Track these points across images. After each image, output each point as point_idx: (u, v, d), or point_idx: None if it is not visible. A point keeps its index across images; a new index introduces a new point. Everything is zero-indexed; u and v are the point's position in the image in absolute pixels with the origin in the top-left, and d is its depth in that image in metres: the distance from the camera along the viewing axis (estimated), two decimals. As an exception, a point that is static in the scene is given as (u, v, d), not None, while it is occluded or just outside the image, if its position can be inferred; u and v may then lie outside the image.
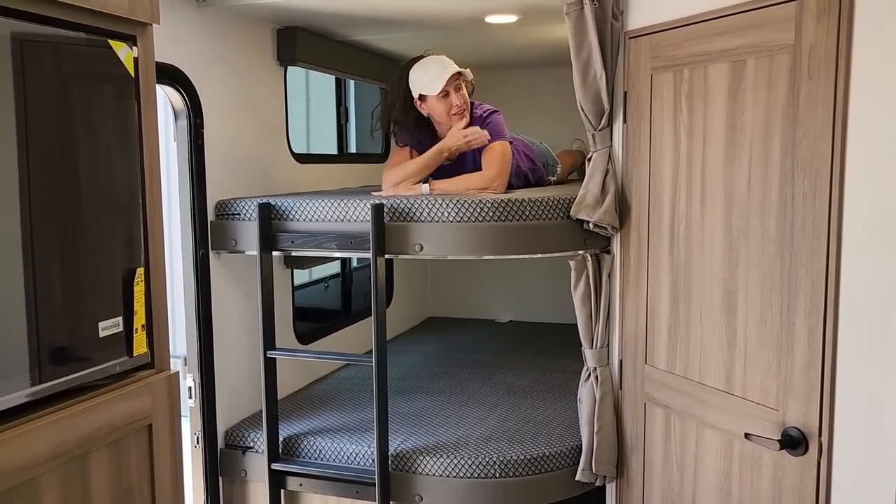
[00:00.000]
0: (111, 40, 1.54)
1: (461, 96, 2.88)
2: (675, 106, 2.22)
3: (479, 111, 2.96)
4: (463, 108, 2.89)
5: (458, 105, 2.87)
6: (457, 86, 2.87)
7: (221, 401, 2.87)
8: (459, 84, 2.88)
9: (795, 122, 1.84)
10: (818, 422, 1.83)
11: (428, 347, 4.15)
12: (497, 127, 2.92)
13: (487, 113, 2.96)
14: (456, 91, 2.86)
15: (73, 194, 1.48)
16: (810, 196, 1.82)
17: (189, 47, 2.70)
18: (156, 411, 1.66)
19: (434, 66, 2.88)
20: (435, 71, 2.86)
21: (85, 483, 1.50)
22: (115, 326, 1.55)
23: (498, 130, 2.91)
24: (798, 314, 1.87)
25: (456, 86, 2.86)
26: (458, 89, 2.87)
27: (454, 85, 2.86)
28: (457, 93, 2.86)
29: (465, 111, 2.90)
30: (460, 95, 2.88)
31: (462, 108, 2.89)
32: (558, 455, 2.65)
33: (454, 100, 2.86)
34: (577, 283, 2.53)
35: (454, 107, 2.87)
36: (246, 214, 2.73)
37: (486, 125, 2.91)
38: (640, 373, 2.44)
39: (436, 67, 2.87)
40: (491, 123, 2.92)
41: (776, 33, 1.88)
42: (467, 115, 2.91)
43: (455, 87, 2.86)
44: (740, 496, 2.08)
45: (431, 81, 2.85)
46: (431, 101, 2.89)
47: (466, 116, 2.91)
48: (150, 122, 1.64)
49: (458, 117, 2.89)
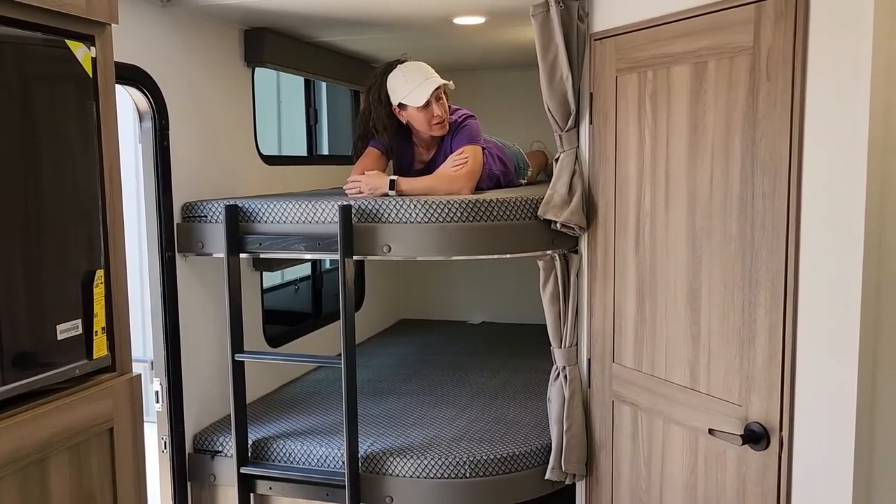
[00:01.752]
0: (68, 40, 1.52)
1: (441, 106, 2.87)
2: (640, 107, 2.25)
3: (455, 116, 2.96)
4: (443, 119, 2.88)
5: (439, 115, 2.86)
6: (437, 95, 2.85)
7: (189, 405, 2.84)
8: (440, 94, 2.86)
9: (755, 122, 1.87)
10: (779, 417, 1.87)
11: (400, 349, 4.14)
12: (471, 132, 2.92)
13: (463, 118, 2.96)
14: (437, 101, 2.85)
15: (30, 196, 1.46)
16: (769, 195, 1.85)
17: (153, 48, 2.67)
18: (117, 415, 1.64)
19: (416, 75, 2.85)
20: (416, 81, 2.83)
21: (44, 488, 1.48)
22: (74, 329, 1.53)
23: (472, 135, 2.91)
24: (759, 311, 1.90)
25: (437, 96, 2.85)
26: (438, 99, 2.85)
27: (435, 96, 2.84)
28: (437, 103, 2.85)
29: (446, 122, 2.89)
30: (441, 105, 2.86)
31: (443, 118, 2.87)
32: (528, 454, 2.66)
33: (436, 110, 2.85)
34: (545, 282, 2.55)
35: (435, 117, 2.86)
36: (213, 216, 2.71)
37: (460, 130, 2.91)
38: (608, 371, 2.46)
39: (418, 77, 2.84)
40: (465, 128, 2.92)
41: (736, 35, 1.91)
42: (446, 125, 2.90)
43: (436, 97, 2.85)
44: (706, 491, 2.11)
45: (413, 92, 2.82)
46: (412, 110, 2.87)
47: (446, 126, 2.90)
48: (109, 123, 1.62)
49: (439, 128, 2.89)
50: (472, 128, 2.93)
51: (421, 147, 3.03)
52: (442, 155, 2.97)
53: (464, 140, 2.88)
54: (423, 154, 3.04)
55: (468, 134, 2.90)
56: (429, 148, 3.02)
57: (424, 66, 2.90)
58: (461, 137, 2.90)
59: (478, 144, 2.90)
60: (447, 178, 2.77)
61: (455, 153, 2.85)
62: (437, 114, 2.86)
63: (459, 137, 2.90)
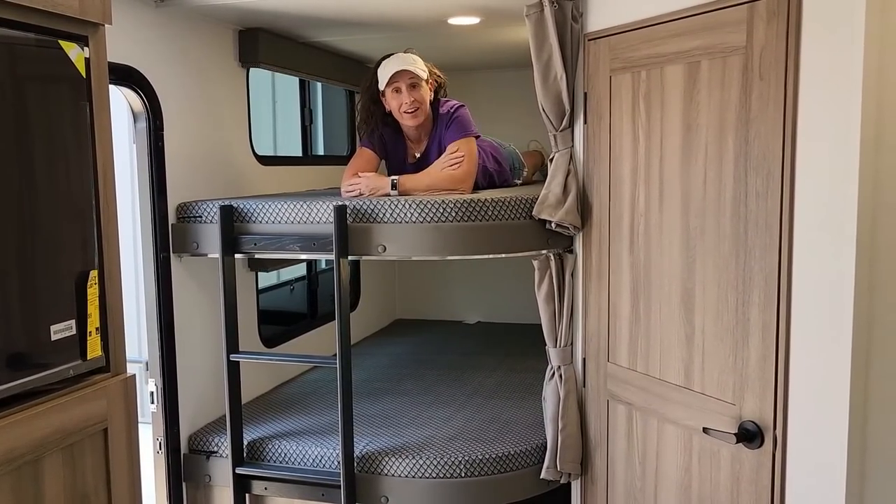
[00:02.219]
0: (61, 41, 1.52)
1: (414, 95, 2.84)
2: (634, 107, 2.25)
3: (444, 108, 2.95)
4: (414, 108, 2.85)
5: (407, 103, 2.84)
6: (411, 83, 2.84)
7: (184, 406, 2.83)
8: (416, 82, 2.85)
9: (748, 121, 1.88)
10: (773, 415, 1.87)
11: (395, 349, 4.15)
12: (463, 122, 2.90)
13: (454, 108, 2.94)
14: (410, 89, 2.84)
15: (24, 196, 1.46)
16: (763, 194, 1.86)
17: (147, 48, 2.67)
18: (111, 415, 1.63)
19: (395, 61, 2.86)
20: (392, 66, 2.85)
21: (38, 488, 1.48)
22: (68, 329, 1.53)
23: (464, 126, 2.90)
24: (752, 310, 1.91)
25: (410, 83, 2.84)
26: (412, 87, 2.84)
27: (407, 82, 2.84)
28: (410, 90, 2.84)
29: (419, 111, 2.87)
30: (413, 94, 2.84)
31: (412, 106, 2.85)
32: (523, 454, 2.66)
33: (405, 97, 2.84)
34: (540, 282, 2.56)
35: (403, 104, 2.85)
36: (207, 217, 2.71)
37: (452, 121, 2.90)
38: (603, 370, 2.47)
39: (395, 63, 2.86)
40: (456, 119, 2.91)
41: (728, 35, 1.92)
42: (420, 116, 2.89)
43: (409, 84, 2.84)
44: (700, 490, 2.11)
45: (385, 76, 2.85)
46: (387, 95, 2.88)
47: (419, 116, 2.89)
48: (103, 124, 1.62)
49: (409, 116, 2.88)
50: (462, 118, 2.92)
51: (412, 141, 3.03)
52: (435, 147, 2.96)
53: (456, 132, 2.87)
54: (415, 148, 3.04)
55: (460, 125, 2.89)
56: (419, 141, 3.02)
57: (408, 55, 2.89)
58: (453, 129, 2.89)
59: (470, 135, 2.89)
60: (448, 177, 2.77)
61: (448, 150, 2.85)
62: (407, 100, 2.84)
63: (451, 129, 2.89)
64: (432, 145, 2.98)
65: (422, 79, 2.86)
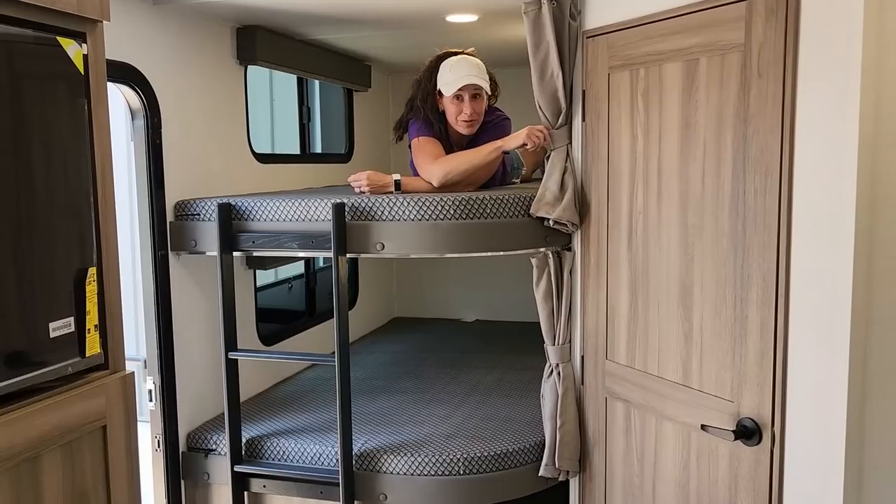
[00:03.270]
0: (60, 37, 1.52)
1: (475, 106, 2.83)
2: (632, 104, 2.26)
3: (492, 117, 2.96)
4: (471, 120, 2.85)
5: (466, 114, 2.83)
6: (473, 94, 2.82)
7: (183, 403, 2.83)
8: (479, 94, 2.83)
9: (746, 119, 1.88)
10: (771, 412, 1.88)
11: (393, 347, 4.15)
12: (501, 132, 2.90)
13: (499, 119, 2.96)
14: (472, 99, 2.82)
15: (22, 193, 1.45)
16: (761, 192, 1.86)
17: (145, 46, 2.67)
18: (110, 413, 1.63)
19: (463, 67, 2.83)
20: (460, 73, 2.82)
21: (37, 485, 1.48)
22: (67, 327, 1.53)
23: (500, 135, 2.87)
24: (751, 307, 1.91)
25: (472, 94, 2.82)
26: (473, 98, 2.83)
27: (471, 93, 2.82)
28: (472, 101, 2.82)
29: (475, 123, 2.86)
30: (474, 105, 2.83)
31: (470, 118, 2.84)
32: (522, 451, 2.66)
33: (465, 108, 2.82)
34: (538, 280, 2.56)
35: (463, 113, 2.83)
36: (206, 215, 2.71)
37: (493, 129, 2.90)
38: (601, 368, 2.47)
39: (463, 69, 2.83)
40: (499, 128, 2.91)
41: (727, 33, 1.92)
42: (475, 126, 2.88)
43: (472, 94, 2.82)
44: (698, 487, 2.12)
45: (451, 82, 2.82)
46: (446, 100, 2.87)
47: (474, 127, 2.88)
48: (101, 121, 1.62)
49: (465, 125, 2.87)
50: (504, 130, 2.92)
51: (456, 147, 3.01)
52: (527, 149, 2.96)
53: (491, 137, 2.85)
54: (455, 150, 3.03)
55: (497, 133, 2.87)
56: (460, 146, 2.99)
57: (476, 64, 2.86)
58: (490, 134, 2.88)
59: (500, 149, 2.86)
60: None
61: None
62: (466, 111, 2.83)
63: (489, 133, 2.88)
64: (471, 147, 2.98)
65: (484, 91, 2.84)
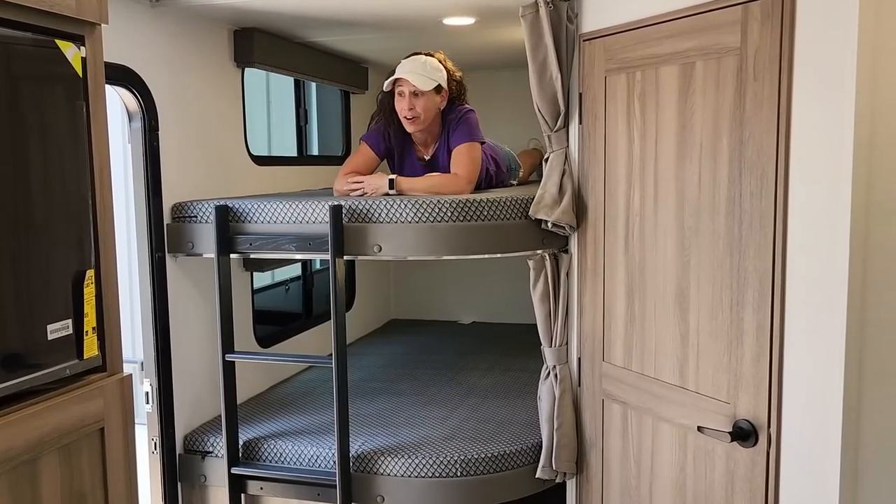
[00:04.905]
0: (58, 40, 1.52)
1: (414, 103, 2.84)
2: (629, 107, 2.26)
3: (454, 113, 2.95)
4: (410, 116, 2.86)
5: (404, 109, 2.86)
6: (415, 92, 2.83)
7: (180, 406, 2.83)
8: (415, 91, 2.83)
9: (742, 122, 1.89)
10: (767, 414, 1.88)
11: (391, 349, 4.15)
12: (469, 127, 2.91)
13: (462, 113, 2.94)
14: (412, 97, 2.84)
15: (20, 196, 1.45)
16: (757, 194, 1.87)
17: (143, 48, 2.67)
18: (108, 415, 1.63)
19: (403, 64, 2.87)
20: (399, 69, 2.85)
21: (35, 488, 1.48)
22: (65, 329, 1.53)
23: (470, 131, 2.90)
24: (747, 309, 1.92)
25: (413, 91, 2.83)
26: (413, 95, 2.84)
27: (409, 90, 2.83)
28: (411, 98, 2.84)
29: (416, 120, 2.87)
30: (414, 102, 2.84)
31: (410, 114, 2.85)
32: (519, 453, 2.67)
33: (402, 104, 2.86)
34: (535, 282, 2.56)
35: (402, 110, 2.87)
36: (203, 217, 2.71)
37: (459, 124, 2.91)
38: (598, 370, 2.48)
39: (402, 66, 2.86)
40: (463, 122, 2.91)
41: (723, 36, 1.93)
42: (417, 124, 2.89)
43: (411, 91, 2.83)
44: (695, 488, 2.12)
45: (391, 77, 2.85)
46: (395, 96, 2.90)
47: (416, 124, 2.89)
48: (99, 123, 1.62)
49: (406, 122, 2.89)
50: (470, 122, 2.92)
51: (419, 144, 3.04)
52: (443, 150, 2.97)
53: (462, 136, 2.88)
54: (423, 151, 3.04)
55: (466, 129, 2.89)
56: (425, 145, 3.03)
57: (422, 62, 2.87)
58: (458, 133, 2.89)
59: (476, 140, 2.90)
60: (448, 180, 2.79)
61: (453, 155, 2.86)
62: (403, 107, 2.85)
63: (457, 133, 2.90)
64: (441, 149, 2.99)
65: (422, 90, 2.83)
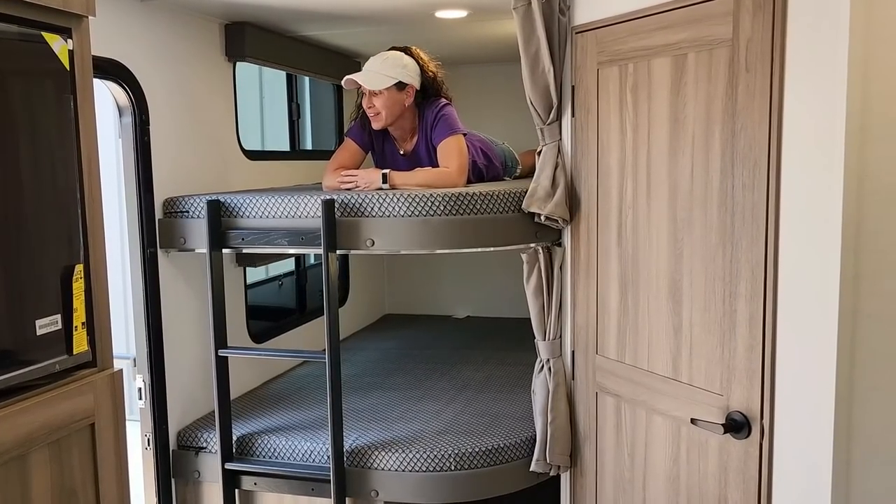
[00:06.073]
0: (45, 33, 1.50)
1: (374, 101, 2.84)
2: (621, 99, 2.26)
3: (430, 108, 2.94)
4: (372, 114, 2.88)
5: (366, 106, 2.89)
6: (371, 91, 2.84)
7: (173, 402, 2.82)
8: (375, 92, 2.84)
9: (734, 114, 1.89)
10: (760, 405, 1.89)
11: (385, 344, 4.14)
12: (449, 121, 2.90)
13: (439, 107, 2.93)
14: (372, 94, 2.85)
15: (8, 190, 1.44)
16: (749, 186, 1.87)
17: (133, 42, 2.65)
18: (98, 411, 1.62)
19: (368, 62, 2.89)
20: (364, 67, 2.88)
21: (25, 484, 1.47)
22: (54, 324, 1.52)
23: (450, 125, 2.89)
24: (739, 301, 1.92)
25: (370, 90, 2.84)
26: (372, 93, 2.85)
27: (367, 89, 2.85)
28: (371, 96, 2.85)
29: (378, 117, 2.88)
30: (374, 100, 2.84)
31: (370, 112, 2.87)
32: (513, 447, 2.67)
33: (366, 101, 2.88)
34: (529, 275, 2.56)
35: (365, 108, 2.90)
36: (194, 212, 2.69)
37: (437, 121, 2.90)
38: (592, 363, 2.48)
39: (367, 64, 2.88)
40: (443, 117, 2.90)
41: (715, 28, 1.92)
42: (379, 122, 2.89)
43: (370, 90, 2.85)
44: (688, 480, 2.13)
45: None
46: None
47: (378, 122, 2.89)
48: (87, 117, 1.60)
49: (372, 120, 2.91)
50: (447, 116, 2.91)
51: (398, 139, 3.03)
52: (423, 145, 2.96)
53: (443, 131, 2.87)
54: (402, 145, 3.04)
55: (446, 124, 2.88)
56: (404, 140, 3.02)
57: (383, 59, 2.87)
58: (439, 129, 2.88)
59: (457, 132, 2.89)
60: (440, 173, 2.78)
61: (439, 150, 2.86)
62: (366, 104, 2.88)
63: (438, 129, 2.89)
64: (420, 144, 2.98)
65: (373, 90, 2.84)
